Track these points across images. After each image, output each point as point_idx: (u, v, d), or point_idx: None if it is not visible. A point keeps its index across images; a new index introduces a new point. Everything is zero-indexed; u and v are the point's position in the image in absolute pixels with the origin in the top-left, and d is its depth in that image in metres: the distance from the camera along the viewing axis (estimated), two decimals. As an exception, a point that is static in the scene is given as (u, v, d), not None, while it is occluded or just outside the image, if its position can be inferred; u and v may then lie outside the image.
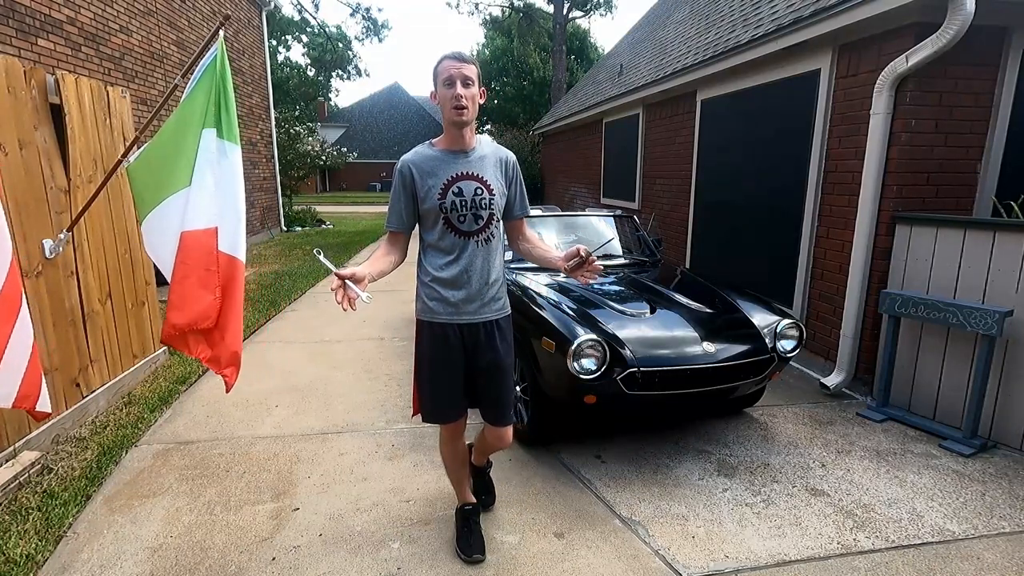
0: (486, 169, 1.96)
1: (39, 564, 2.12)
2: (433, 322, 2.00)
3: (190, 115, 2.22)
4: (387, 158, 38.15)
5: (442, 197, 1.90)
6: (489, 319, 2.02)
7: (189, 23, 8.32)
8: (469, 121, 1.88)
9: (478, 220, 1.94)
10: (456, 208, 1.91)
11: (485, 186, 1.94)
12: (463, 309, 1.98)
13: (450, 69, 1.82)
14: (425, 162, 1.93)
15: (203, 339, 2.19)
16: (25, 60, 4.95)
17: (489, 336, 2.01)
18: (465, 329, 1.99)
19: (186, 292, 2.15)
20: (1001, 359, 3.01)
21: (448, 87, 1.83)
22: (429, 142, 2.00)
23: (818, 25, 3.77)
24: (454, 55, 1.85)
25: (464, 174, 1.93)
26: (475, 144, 1.97)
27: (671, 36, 7.80)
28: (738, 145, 5.07)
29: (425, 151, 1.96)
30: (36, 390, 2.04)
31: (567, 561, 2.18)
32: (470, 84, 1.84)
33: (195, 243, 2.17)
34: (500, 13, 25.38)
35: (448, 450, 2.21)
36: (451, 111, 1.84)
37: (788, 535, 2.33)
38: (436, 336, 2.00)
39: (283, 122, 14.13)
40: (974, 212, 3.55)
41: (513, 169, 2.05)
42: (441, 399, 2.05)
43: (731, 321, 3.04)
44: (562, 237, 4.15)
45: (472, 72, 1.84)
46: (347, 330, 5.23)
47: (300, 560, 2.17)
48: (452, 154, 1.94)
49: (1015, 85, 3.39)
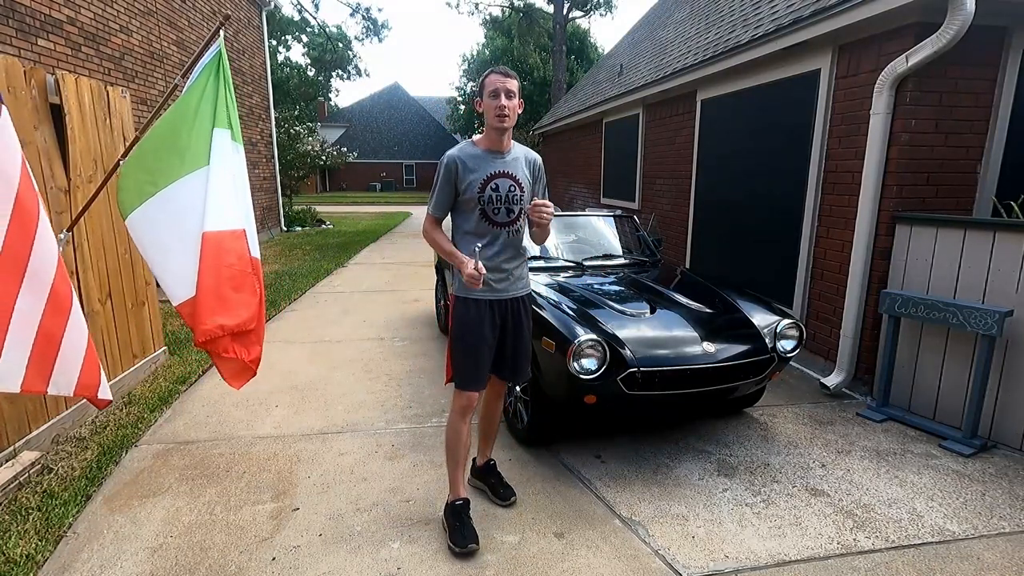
0: (519, 169, 2.25)
1: (39, 564, 2.13)
2: (469, 298, 2.25)
3: (185, 111, 2.21)
4: (387, 158, 38.18)
5: (481, 191, 2.18)
6: (517, 295, 2.33)
7: (189, 23, 8.32)
8: (510, 127, 2.18)
9: (510, 213, 2.23)
10: (492, 202, 2.19)
11: (518, 184, 2.23)
12: (495, 288, 2.25)
13: (496, 83, 2.11)
14: (469, 159, 2.20)
15: (239, 341, 2.19)
16: (25, 60, 4.94)
17: (516, 310, 2.33)
18: (496, 305, 2.27)
19: (225, 294, 2.14)
20: (1001, 359, 3.01)
21: (493, 98, 2.12)
22: (471, 141, 2.27)
23: (818, 25, 3.77)
24: (500, 71, 2.15)
25: (501, 172, 2.21)
26: (511, 147, 2.27)
27: (671, 36, 7.80)
28: (738, 145, 5.07)
29: (469, 149, 2.24)
30: (96, 379, 2.14)
31: (567, 561, 2.18)
32: (512, 96, 2.13)
33: (224, 245, 2.16)
34: (500, 13, 25.40)
35: (457, 426, 2.33)
36: (495, 119, 2.14)
37: (788, 535, 2.33)
38: (471, 311, 2.25)
39: (283, 122, 14.13)
40: (974, 212, 3.55)
41: (539, 169, 2.36)
42: (472, 368, 2.28)
43: (731, 321, 3.04)
44: (562, 237, 4.15)
45: (514, 86, 2.13)
46: (347, 330, 5.23)
47: (300, 560, 2.17)
48: (492, 154, 2.22)
49: (1015, 85, 3.39)
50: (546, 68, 26.33)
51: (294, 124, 14.92)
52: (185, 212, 2.19)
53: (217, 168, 2.20)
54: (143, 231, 2.26)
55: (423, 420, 3.37)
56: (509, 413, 3.25)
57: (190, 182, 2.21)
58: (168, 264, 2.22)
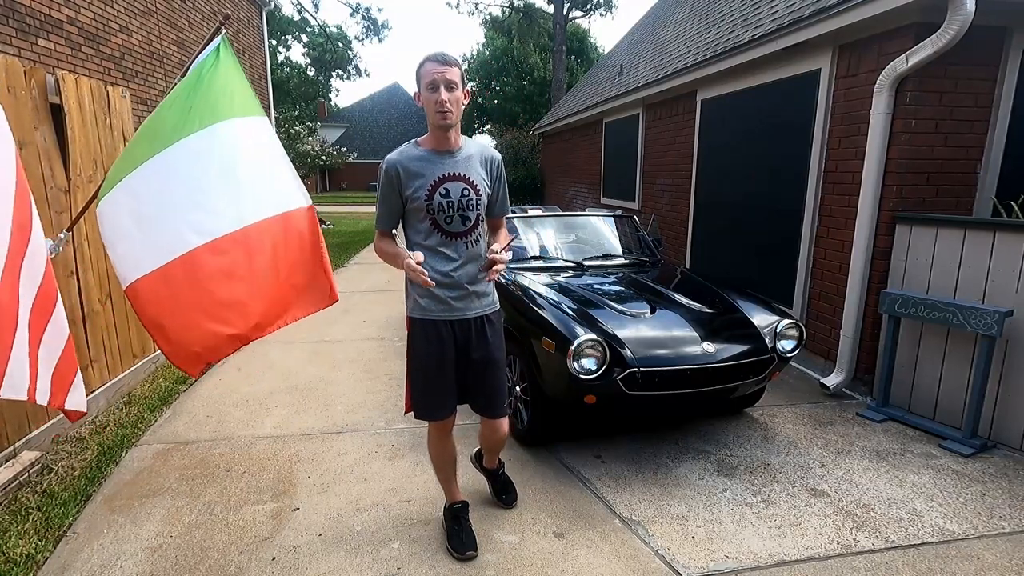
0: (472, 169, 1.98)
1: (39, 564, 2.13)
2: (425, 319, 2.03)
3: (163, 109, 2.07)
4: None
5: (429, 198, 1.92)
6: (480, 315, 2.06)
7: (189, 23, 8.32)
8: (454, 124, 1.90)
9: (465, 221, 1.96)
10: (443, 209, 1.93)
11: (471, 187, 1.96)
12: (454, 306, 2.01)
13: (433, 73, 1.83)
14: (411, 162, 1.94)
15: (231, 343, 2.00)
16: (25, 60, 4.94)
17: (480, 332, 2.06)
18: (456, 325, 2.03)
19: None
20: (1001, 359, 3.01)
21: (432, 91, 1.84)
22: (414, 141, 2.00)
23: (818, 25, 3.77)
24: (437, 57, 1.85)
25: (451, 175, 1.94)
26: (461, 144, 1.99)
27: (671, 36, 7.80)
28: (738, 145, 5.07)
29: (411, 151, 1.97)
30: (66, 387, 2.01)
31: (567, 561, 2.17)
32: (454, 88, 1.85)
33: (282, 227, 2.07)
34: (500, 13, 25.38)
35: (437, 448, 2.23)
36: (435, 115, 1.86)
37: (788, 535, 2.33)
38: (428, 333, 2.02)
39: (283, 122, 14.16)
40: (974, 212, 3.55)
41: (498, 169, 2.08)
42: (433, 396, 2.08)
43: (731, 321, 3.04)
44: (562, 237, 4.15)
45: (455, 75, 1.85)
46: (347, 330, 5.23)
47: (300, 560, 2.17)
48: (438, 154, 1.96)
49: (1015, 85, 3.39)
50: (546, 68, 26.34)
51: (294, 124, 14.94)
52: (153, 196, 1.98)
53: (233, 161, 2.06)
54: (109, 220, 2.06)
55: (423, 420, 3.36)
56: (509, 413, 3.25)
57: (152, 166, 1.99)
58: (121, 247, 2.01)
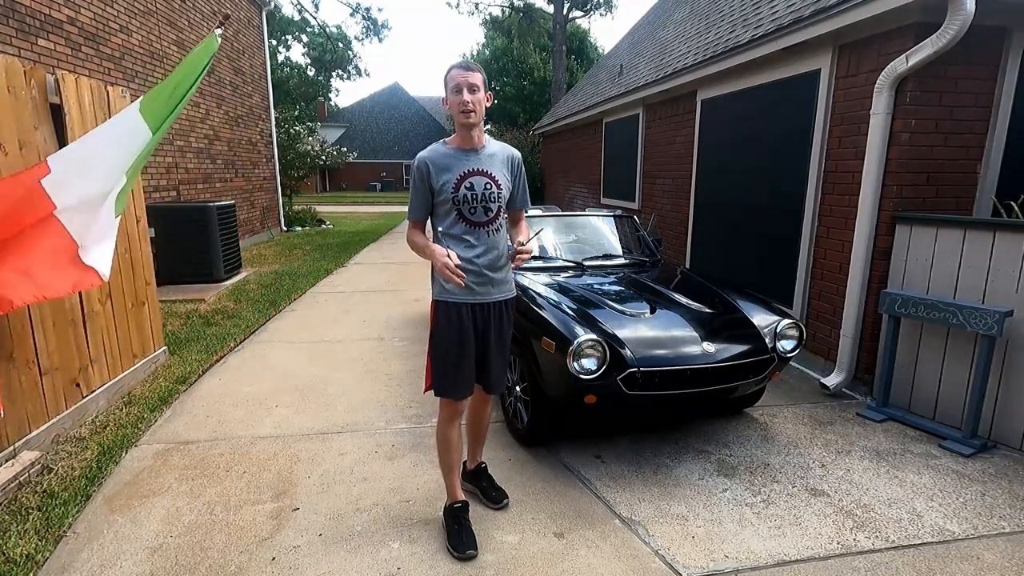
0: (495, 166, 2.19)
1: (39, 564, 2.12)
2: (449, 302, 2.18)
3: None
4: (387, 158, 38.15)
5: (455, 191, 2.12)
6: (499, 300, 2.24)
7: (189, 23, 8.32)
8: (477, 123, 2.11)
9: (487, 212, 2.16)
10: (468, 201, 2.13)
11: (494, 181, 2.17)
12: (476, 291, 2.18)
13: (457, 78, 2.05)
14: (440, 158, 2.15)
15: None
16: (25, 60, 4.95)
17: (499, 315, 2.25)
18: (478, 309, 2.20)
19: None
20: (1001, 359, 3.01)
21: (456, 94, 2.06)
22: (443, 141, 2.22)
23: (818, 25, 3.77)
24: (461, 65, 2.09)
25: (475, 170, 2.15)
26: (485, 143, 2.21)
27: (671, 36, 7.80)
28: (738, 145, 5.07)
29: (440, 149, 2.19)
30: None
31: (567, 561, 2.18)
32: (476, 90, 2.06)
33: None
34: (500, 13, 25.37)
35: (446, 433, 2.29)
36: (460, 115, 2.08)
37: (788, 535, 2.33)
38: (451, 315, 2.18)
39: (283, 122, 14.13)
40: (974, 212, 3.55)
41: (518, 166, 2.29)
42: (453, 373, 2.21)
43: (731, 321, 3.04)
44: (562, 237, 4.15)
45: (478, 79, 2.06)
46: (347, 330, 5.23)
47: (300, 560, 2.17)
48: (464, 152, 2.16)
49: (1015, 85, 3.39)
50: (546, 68, 26.35)
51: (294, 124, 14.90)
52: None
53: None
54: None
55: (423, 420, 3.37)
56: (509, 413, 3.26)
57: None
58: None
